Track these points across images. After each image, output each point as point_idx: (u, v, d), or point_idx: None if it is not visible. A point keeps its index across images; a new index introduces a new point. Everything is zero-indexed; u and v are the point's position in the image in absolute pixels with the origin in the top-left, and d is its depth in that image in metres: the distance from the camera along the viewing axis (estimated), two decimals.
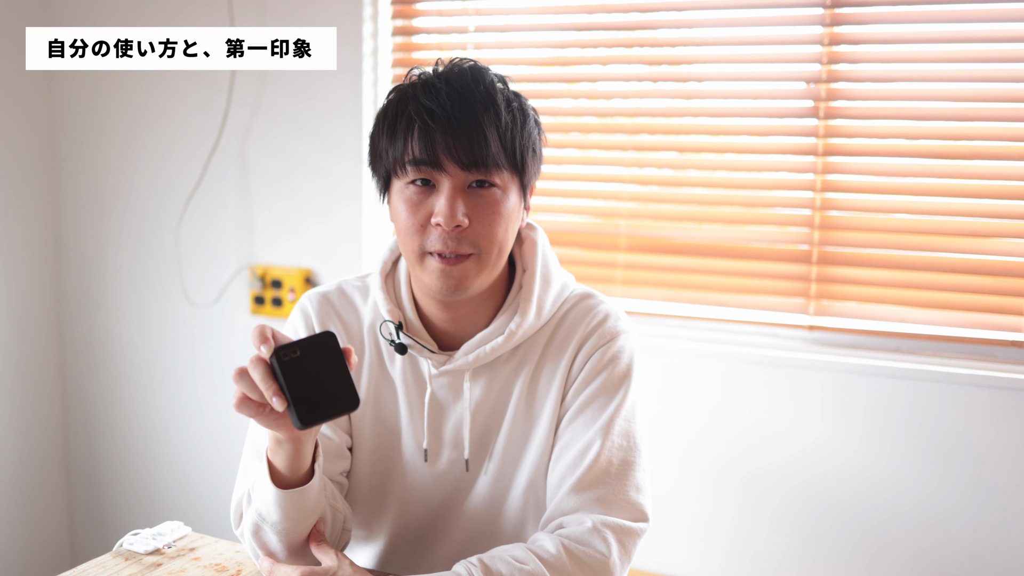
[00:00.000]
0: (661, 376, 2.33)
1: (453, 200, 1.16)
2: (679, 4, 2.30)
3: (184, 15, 2.65)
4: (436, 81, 1.19)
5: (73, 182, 2.88)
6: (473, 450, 1.29)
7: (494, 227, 1.19)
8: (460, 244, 1.17)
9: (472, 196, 1.18)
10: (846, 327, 2.22)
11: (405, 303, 1.29)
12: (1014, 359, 2.09)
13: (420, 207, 1.18)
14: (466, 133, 1.15)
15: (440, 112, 1.15)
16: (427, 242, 1.18)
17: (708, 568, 2.34)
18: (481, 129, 1.16)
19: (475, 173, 1.17)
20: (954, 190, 2.12)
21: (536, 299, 1.26)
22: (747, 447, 2.28)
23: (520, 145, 1.20)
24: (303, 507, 1.14)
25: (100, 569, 1.34)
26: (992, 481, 2.09)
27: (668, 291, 2.36)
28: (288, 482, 1.13)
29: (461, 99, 1.16)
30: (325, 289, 1.36)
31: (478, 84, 1.18)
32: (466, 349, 1.26)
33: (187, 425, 2.84)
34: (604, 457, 1.21)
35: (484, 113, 1.16)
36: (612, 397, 1.24)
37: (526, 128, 1.21)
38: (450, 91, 1.17)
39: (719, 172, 2.31)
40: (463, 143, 1.15)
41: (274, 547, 1.19)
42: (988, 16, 2.06)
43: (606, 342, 1.26)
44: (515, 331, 1.25)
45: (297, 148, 2.61)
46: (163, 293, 2.82)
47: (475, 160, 1.16)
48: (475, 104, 1.16)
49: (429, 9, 2.54)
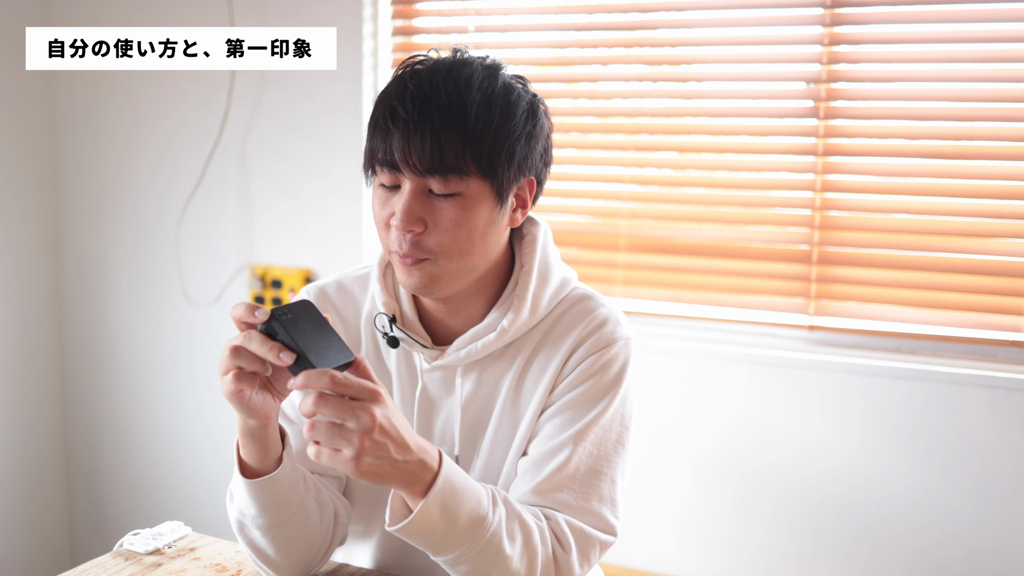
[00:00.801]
0: (661, 376, 2.33)
1: (410, 204, 1.14)
2: (679, 4, 2.30)
3: (184, 15, 2.65)
4: (410, 79, 1.15)
5: (73, 182, 2.88)
6: (463, 446, 1.29)
7: (452, 235, 1.15)
8: (414, 248, 1.15)
9: (434, 201, 1.15)
10: (846, 327, 2.22)
11: (402, 295, 1.29)
12: (1014, 359, 2.09)
13: (386, 205, 1.17)
14: (420, 137, 1.11)
15: (402, 114, 1.12)
16: (390, 241, 1.18)
17: (706, 567, 2.34)
18: (437, 134, 1.11)
19: (434, 179, 1.13)
20: (954, 190, 2.12)
21: (531, 297, 1.25)
22: (746, 447, 2.28)
23: (492, 148, 1.14)
24: (277, 497, 1.14)
25: (100, 569, 1.34)
26: (991, 481, 2.09)
27: (668, 291, 2.36)
28: (259, 474, 1.14)
29: (424, 100, 1.12)
30: (323, 283, 1.36)
31: (448, 83, 1.13)
32: (457, 345, 1.25)
33: (187, 425, 2.84)
34: (572, 463, 1.19)
35: (446, 117, 1.12)
36: (594, 405, 1.22)
37: (505, 128, 1.15)
38: (417, 91, 1.13)
39: (719, 172, 2.31)
40: (416, 148, 1.11)
41: (260, 543, 1.19)
42: (988, 16, 2.06)
43: (601, 348, 1.24)
44: (507, 328, 1.23)
45: (297, 148, 2.61)
46: (163, 293, 2.82)
47: (430, 167, 1.12)
48: (437, 107, 1.12)
49: (429, 9, 2.54)
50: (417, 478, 1.03)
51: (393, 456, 0.99)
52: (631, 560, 2.38)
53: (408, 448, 1.01)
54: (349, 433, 0.97)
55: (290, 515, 1.17)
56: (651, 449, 2.35)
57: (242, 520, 1.18)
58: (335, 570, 1.32)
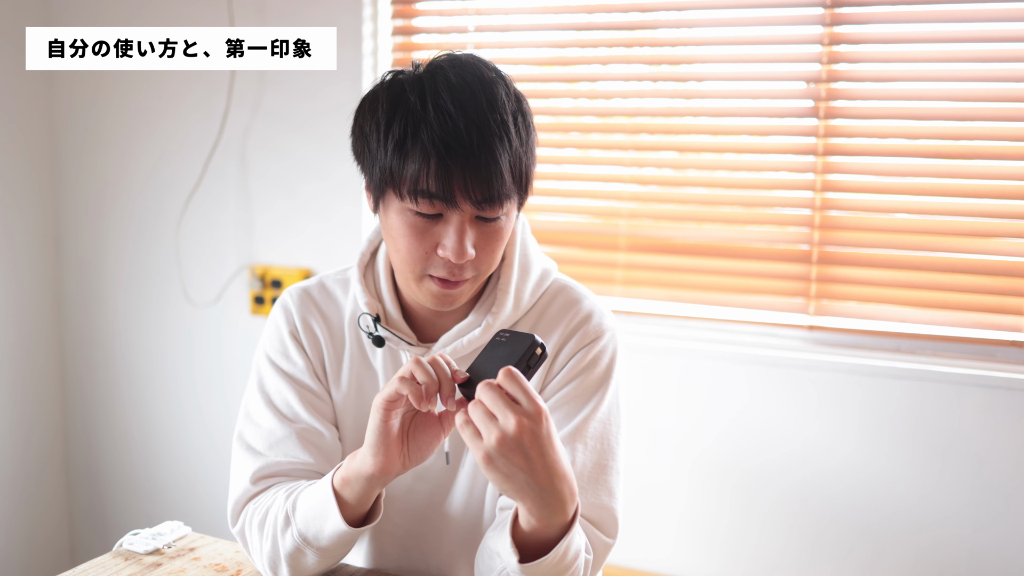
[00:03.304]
0: (660, 376, 2.33)
1: (462, 234, 1.14)
2: (679, 4, 2.30)
3: (184, 15, 2.65)
4: (448, 103, 1.12)
5: (73, 182, 2.88)
6: (453, 442, 1.29)
7: (495, 253, 1.19)
8: (463, 271, 1.17)
9: (479, 226, 1.16)
10: (846, 327, 2.22)
11: (385, 295, 1.29)
12: (1013, 359, 2.09)
13: (425, 235, 1.15)
14: (485, 171, 1.11)
15: (457, 148, 1.10)
16: (430, 268, 1.17)
17: (705, 567, 2.34)
18: (497, 165, 1.12)
19: (486, 209, 1.14)
20: (954, 190, 2.12)
21: (514, 290, 1.26)
22: (746, 446, 2.28)
23: (526, 167, 1.17)
24: (359, 540, 1.18)
25: (100, 569, 1.34)
26: (990, 480, 2.09)
27: (668, 291, 2.36)
28: (353, 515, 1.15)
29: (479, 132, 1.11)
30: (306, 284, 1.36)
31: (494, 112, 1.13)
32: (444, 341, 1.26)
33: (187, 425, 2.85)
34: (578, 462, 1.20)
35: (499, 145, 1.12)
36: (589, 400, 1.24)
37: (529, 143, 1.18)
38: (467, 123, 1.11)
39: (719, 172, 2.31)
40: (482, 181, 1.11)
41: (309, 567, 1.21)
42: (988, 16, 2.06)
43: (589, 342, 1.26)
44: (492, 323, 1.25)
45: (297, 148, 2.61)
46: (163, 293, 2.82)
47: (489, 196, 1.13)
48: (491, 137, 1.11)
49: (429, 9, 2.54)
50: (550, 510, 1.02)
51: (528, 474, 0.99)
52: (629, 560, 2.38)
53: (549, 476, 1.00)
54: (495, 426, 0.98)
55: None
56: (650, 448, 2.35)
57: (303, 548, 1.18)
58: (335, 570, 1.32)
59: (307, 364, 1.31)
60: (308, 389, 1.30)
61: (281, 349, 1.32)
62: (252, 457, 1.27)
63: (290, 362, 1.31)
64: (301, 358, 1.31)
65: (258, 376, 1.33)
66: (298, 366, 1.31)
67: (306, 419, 1.28)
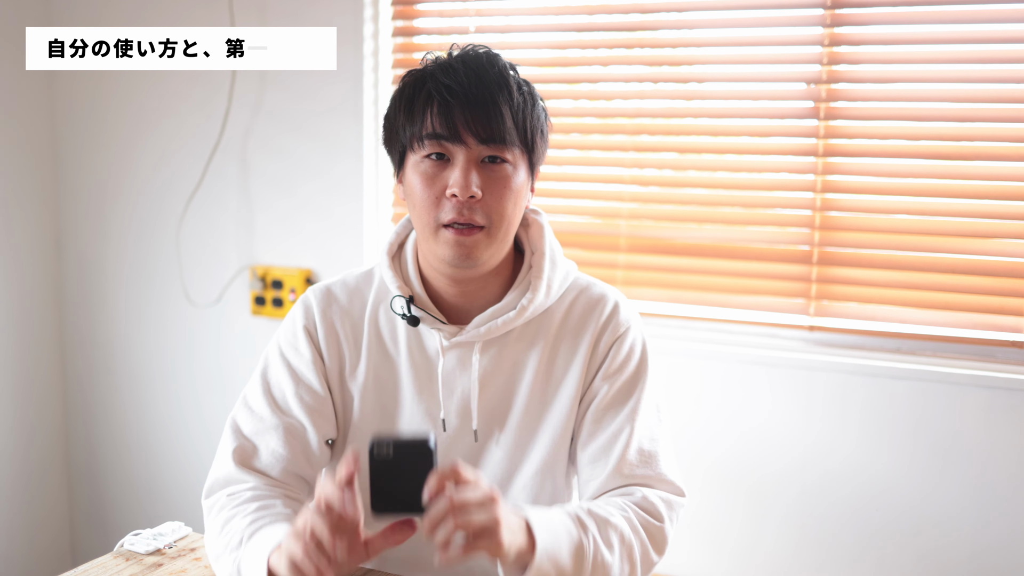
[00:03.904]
0: (661, 376, 2.33)
1: (467, 172, 1.23)
2: (679, 5, 2.30)
3: (184, 15, 2.65)
4: (453, 62, 1.26)
5: (73, 182, 2.88)
6: (482, 422, 1.34)
7: (504, 200, 1.25)
8: (473, 214, 1.24)
9: (485, 170, 1.25)
10: (846, 327, 2.22)
11: (413, 280, 1.35)
12: (1013, 359, 2.09)
13: (435, 180, 1.25)
14: (483, 108, 1.22)
15: (458, 88, 1.22)
16: (441, 214, 1.24)
17: (704, 566, 2.34)
18: (497, 106, 1.23)
19: (490, 148, 1.24)
20: (954, 191, 2.12)
21: (547, 278, 1.33)
22: (745, 446, 2.28)
23: (531, 125, 1.27)
24: None
25: (101, 569, 1.35)
26: (991, 481, 2.09)
27: (669, 292, 2.36)
28: None
29: (477, 77, 1.23)
30: (328, 282, 1.42)
31: (492, 66, 1.25)
32: (478, 322, 1.32)
33: (187, 425, 2.85)
34: (635, 440, 1.30)
35: (499, 91, 1.23)
36: (635, 387, 1.34)
37: (535, 110, 1.28)
38: (467, 70, 1.24)
39: (719, 173, 2.31)
40: (480, 117, 1.22)
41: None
42: (988, 17, 2.06)
43: (622, 333, 1.35)
44: (527, 306, 1.31)
45: (297, 148, 2.61)
46: (163, 293, 2.82)
47: (491, 135, 1.23)
48: (490, 83, 1.23)
49: (429, 10, 2.54)
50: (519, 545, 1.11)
51: (499, 541, 1.06)
52: None
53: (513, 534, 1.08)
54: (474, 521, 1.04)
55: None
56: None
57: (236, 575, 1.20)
58: None
59: (314, 358, 1.35)
60: (307, 385, 1.35)
61: (292, 341, 1.37)
62: (236, 440, 1.33)
63: (297, 354, 1.36)
64: (309, 351, 1.36)
65: (264, 364, 1.39)
66: (304, 359, 1.35)
67: (296, 414, 1.33)
